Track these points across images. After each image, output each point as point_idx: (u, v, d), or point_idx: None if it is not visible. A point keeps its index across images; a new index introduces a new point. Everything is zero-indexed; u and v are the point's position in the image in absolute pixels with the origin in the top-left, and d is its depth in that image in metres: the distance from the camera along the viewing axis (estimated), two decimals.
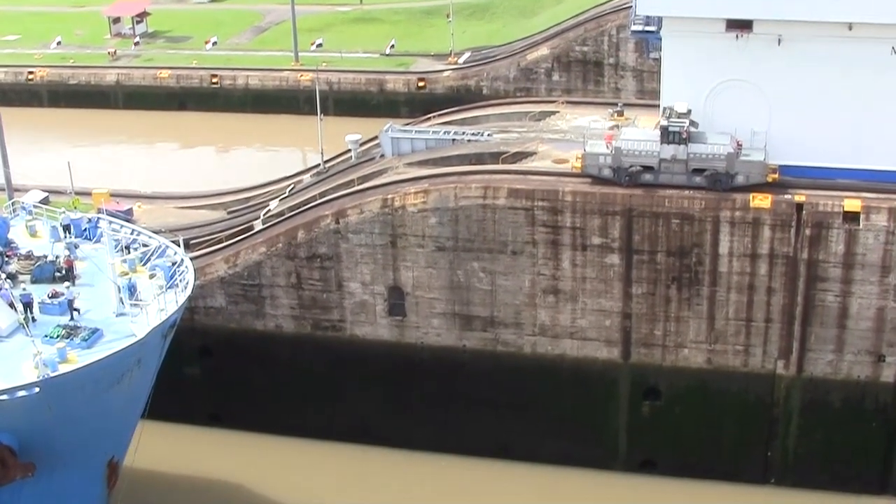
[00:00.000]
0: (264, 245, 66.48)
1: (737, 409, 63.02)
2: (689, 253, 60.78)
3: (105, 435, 51.67)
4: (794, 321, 60.49)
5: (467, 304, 64.80)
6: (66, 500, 51.44)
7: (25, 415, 46.65)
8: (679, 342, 62.72)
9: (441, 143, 69.97)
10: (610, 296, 62.79)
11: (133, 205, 76.13)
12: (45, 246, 57.78)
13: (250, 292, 67.23)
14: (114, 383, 49.32)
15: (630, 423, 65.05)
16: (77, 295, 52.54)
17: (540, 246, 62.67)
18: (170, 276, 53.76)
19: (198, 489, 61.54)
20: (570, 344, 64.27)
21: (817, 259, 59.11)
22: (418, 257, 64.48)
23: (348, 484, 65.32)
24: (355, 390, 67.62)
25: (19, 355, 48.29)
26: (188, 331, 65.08)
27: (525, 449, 65.96)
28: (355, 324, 66.84)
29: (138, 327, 50.21)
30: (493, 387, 65.85)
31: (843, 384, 61.04)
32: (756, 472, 63.67)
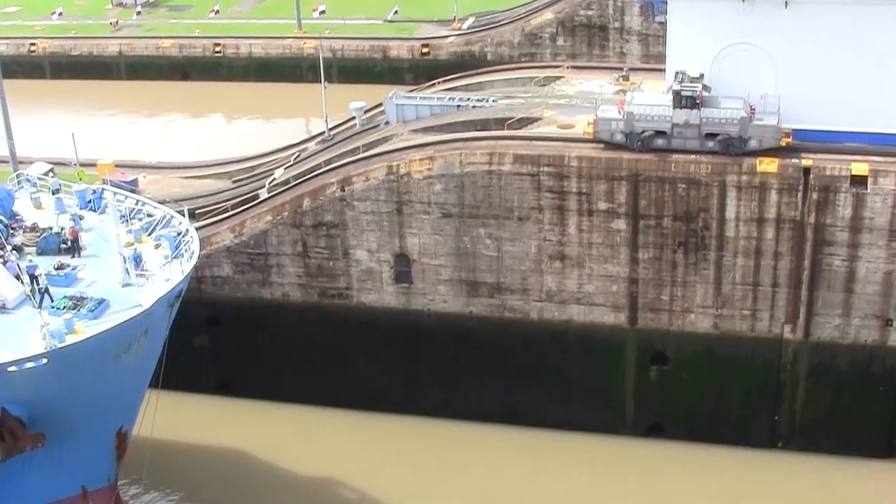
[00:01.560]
0: (270, 214, 66.41)
1: (744, 374, 63.06)
2: (696, 218, 60.65)
3: (113, 405, 51.73)
4: (802, 285, 60.42)
5: (473, 270, 64.79)
6: (76, 469, 51.64)
7: (34, 386, 46.71)
8: (686, 307, 62.67)
9: (446, 110, 69.78)
10: (616, 261, 62.72)
11: (138, 175, 76.05)
12: (51, 218, 57.74)
13: (257, 261, 67.23)
14: (121, 353, 49.32)
15: (637, 388, 65.13)
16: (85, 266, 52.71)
17: (546, 211, 62.58)
18: (175, 245, 53.69)
19: (207, 458, 61.73)
20: (577, 309, 64.27)
21: (824, 223, 58.98)
22: (424, 224, 64.41)
23: (356, 450, 65.45)
24: (362, 358, 67.75)
25: (27, 327, 48.25)
26: (195, 301, 65.32)
27: (532, 414, 66.10)
28: (362, 291, 66.85)
29: (144, 297, 50.18)
30: (499, 353, 65.95)
31: (850, 348, 61.06)
32: (763, 436, 63.76)
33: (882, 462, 61.76)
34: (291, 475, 63.32)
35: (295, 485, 62.61)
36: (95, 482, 52.89)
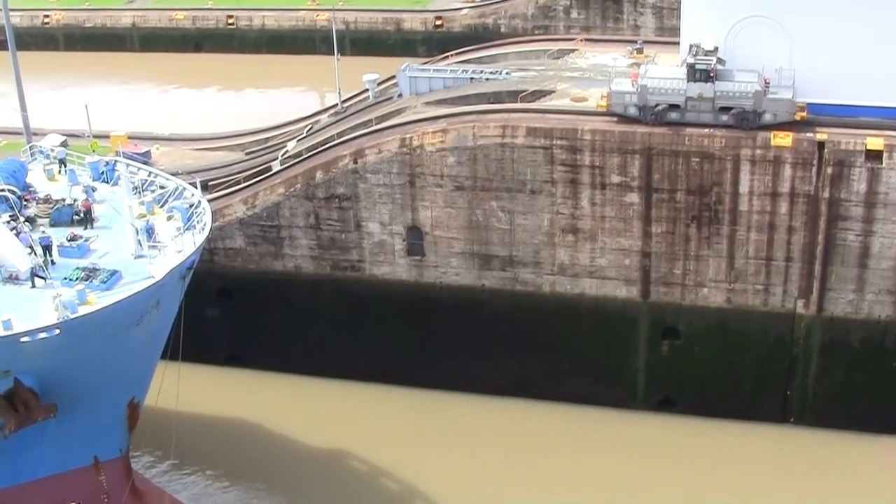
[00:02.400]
0: (282, 186, 66.38)
1: (756, 349, 62.94)
2: (709, 191, 60.46)
3: (125, 376, 51.80)
4: (815, 260, 60.22)
5: (486, 243, 64.73)
6: (88, 440, 51.75)
7: (46, 357, 46.75)
8: (699, 281, 62.54)
9: (459, 82, 69.66)
10: (629, 235, 62.60)
11: (151, 147, 76.05)
12: (64, 189, 57.76)
13: (269, 233, 67.25)
14: (133, 324, 49.36)
15: (649, 362, 65.09)
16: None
17: (559, 185, 62.44)
18: (187, 217, 53.61)
19: (219, 429, 61.93)
20: (590, 283, 64.19)
21: (839, 198, 58.73)
22: (437, 197, 64.33)
23: (367, 423, 65.57)
24: (374, 330, 67.79)
25: (39, 298, 48.29)
26: (207, 273, 65.48)
27: (544, 388, 66.10)
28: (374, 264, 66.87)
29: (156, 269, 50.11)
30: (511, 326, 65.93)
31: (864, 324, 60.87)
32: (775, 411, 63.68)
33: (894, 437, 61.56)
34: (302, 447, 63.49)
35: (306, 457, 62.77)
36: (107, 453, 52.97)
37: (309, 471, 61.41)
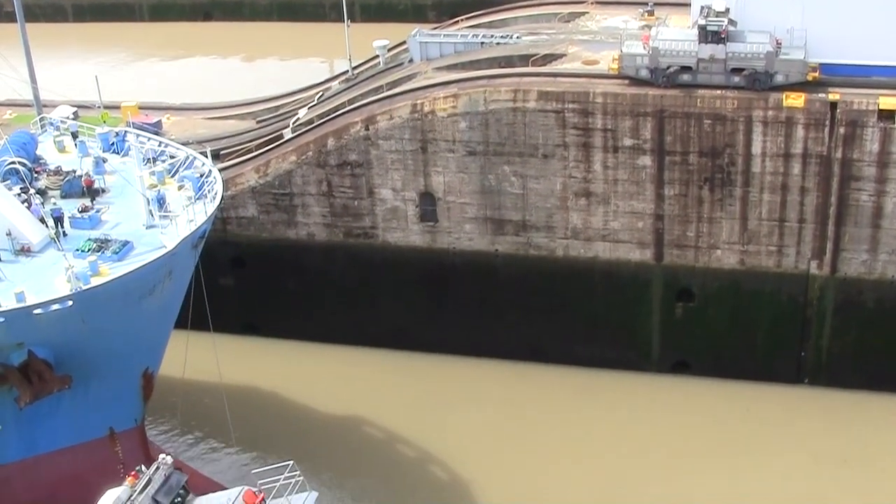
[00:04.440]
0: (294, 154, 66.30)
1: (770, 310, 62.86)
2: (722, 153, 60.22)
3: (139, 346, 51.97)
4: (828, 221, 60.03)
5: (499, 208, 64.65)
6: (103, 411, 51.98)
7: (60, 328, 46.88)
8: (712, 243, 62.41)
9: (470, 47, 69.35)
10: (642, 198, 62.46)
11: (162, 117, 75.95)
12: (74, 161, 57.77)
13: (281, 201, 67.24)
14: (146, 295, 49.47)
15: (663, 324, 65.05)
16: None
17: (571, 148, 62.24)
18: (198, 187, 53.61)
19: (233, 398, 61.86)
20: (603, 246, 64.12)
21: (851, 158, 58.44)
22: (449, 162, 64.21)
23: (382, 388, 65.75)
24: (388, 296, 67.88)
25: (52, 270, 48.42)
26: (221, 242, 65.77)
27: (558, 352, 66.16)
28: (387, 230, 66.86)
29: (168, 239, 50.20)
30: (525, 290, 65.91)
31: (877, 284, 60.71)
32: (789, 372, 63.68)
33: None
34: (318, 413, 63.72)
35: (321, 423, 62.98)
36: (122, 423, 53.26)
37: (325, 437, 61.61)
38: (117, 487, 40.17)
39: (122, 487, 40.11)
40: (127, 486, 40.13)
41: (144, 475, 40.50)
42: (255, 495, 40.26)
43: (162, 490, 40.57)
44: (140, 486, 40.04)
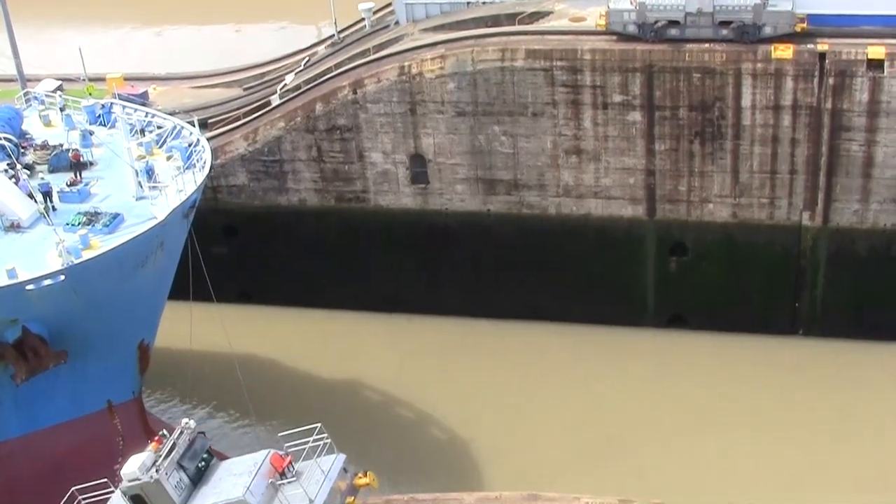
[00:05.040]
0: (283, 120, 66.10)
1: (764, 262, 62.90)
2: (712, 107, 60.04)
3: (133, 318, 51.99)
4: (819, 172, 59.93)
5: (490, 168, 64.51)
6: (100, 384, 52.07)
7: (53, 303, 46.88)
8: (704, 197, 62.37)
9: (456, 7, 68.83)
10: (633, 153, 62.33)
11: (148, 87, 75.45)
12: (60, 135, 57.53)
13: (272, 168, 67.09)
14: (138, 266, 49.44)
15: (658, 279, 65.10)
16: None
17: (560, 106, 62.07)
18: (187, 156, 53.40)
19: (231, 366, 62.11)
20: (595, 203, 64.07)
21: (841, 108, 58.23)
22: (438, 124, 64.02)
23: (380, 352, 66.05)
24: (382, 260, 67.87)
25: (42, 245, 48.33)
26: (212, 211, 65.60)
27: (554, 309, 66.18)
28: (379, 194, 66.76)
29: (158, 209, 50.02)
30: (518, 249, 65.95)
31: (869, 233, 60.70)
32: (784, 323, 63.78)
33: None
34: (315, 379, 63.90)
35: (319, 389, 63.15)
36: (120, 396, 53.37)
37: (323, 402, 61.66)
38: (141, 453, 39.53)
39: (146, 453, 39.42)
40: (151, 452, 39.39)
41: (168, 440, 39.82)
42: (282, 458, 39.66)
43: (187, 455, 39.94)
44: (165, 452, 39.36)
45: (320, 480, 39.00)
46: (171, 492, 38.71)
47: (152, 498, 38.70)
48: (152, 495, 38.65)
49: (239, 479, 39.24)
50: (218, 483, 39.74)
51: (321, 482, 38.93)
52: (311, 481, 38.97)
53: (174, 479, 39.04)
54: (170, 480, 38.77)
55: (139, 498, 38.79)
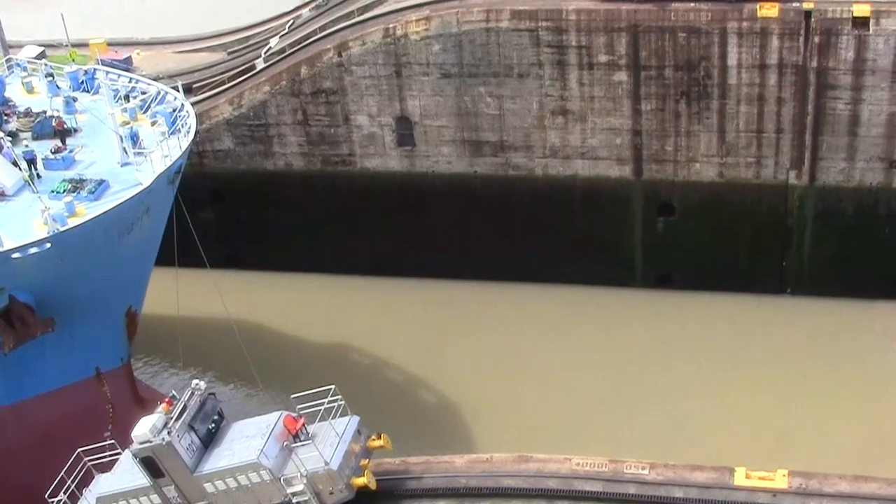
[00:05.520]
0: (268, 84, 65.83)
1: (751, 221, 62.93)
2: (698, 66, 59.84)
3: (121, 285, 51.90)
4: (806, 131, 59.81)
5: (476, 129, 64.37)
6: (89, 352, 52.01)
7: (39, 271, 46.72)
8: (690, 157, 62.28)
9: None
10: (619, 114, 62.18)
11: (131, 53, 75.11)
12: (44, 101, 57.22)
13: (257, 132, 66.87)
14: (124, 233, 49.27)
15: (645, 239, 65.12)
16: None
17: (546, 67, 61.86)
18: (171, 122, 53.20)
19: (221, 332, 62.12)
20: (582, 164, 63.97)
21: (827, 67, 58.03)
22: (424, 86, 63.81)
23: (369, 316, 65.92)
24: (369, 223, 67.78)
25: (28, 213, 48.11)
26: (199, 176, 65.33)
27: (542, 270, 66.24)
28: (365, 157, 66.61)
29: (144, 175, 49.80)
30: (506, 211, 65.87)
31: (856, 191, 60.69)
32: (772, 282, 63.89)
33: (890, 302, 61.78)
34: (304, 344, 64.00)
35: (308, 353, 63.25)
36: (108, 363, 53.30)
37: (312, 367, 61.64)
38: (152, 415, 38.65)
39: (156, 415, 38.48)
40: (162, 414, 38.49)
41: (179, 402, 39.00)
42: (295, 420, 38.96)
43: (198, 417, 39.17)
44: (176, 413, 38.54)
45: (335, 443, 38.36)
46: (182, 454, 38.08)
47: (163, 460, 38.12)
48: (164, 458, 38.06)
49: (252, 441, 38.67)
50: (230, 445, 39.15)
51: (336, 444, 38.30)
52: (326, 443, 38.33)
53: (186, 441, 38.33)
54: (181, 443, 38.09)
55: (150, 460, 38.19)
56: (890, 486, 35.89)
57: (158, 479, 38.57)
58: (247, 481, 37.94)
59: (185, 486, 38.62)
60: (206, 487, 38.42)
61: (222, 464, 38.40)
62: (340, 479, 37.72)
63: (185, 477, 38.41)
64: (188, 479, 38.44)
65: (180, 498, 38.81)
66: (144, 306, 55.36)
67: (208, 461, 38.81)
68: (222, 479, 38.20)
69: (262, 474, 37.70)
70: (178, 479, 38.48)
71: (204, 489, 38.49)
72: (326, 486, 37.77)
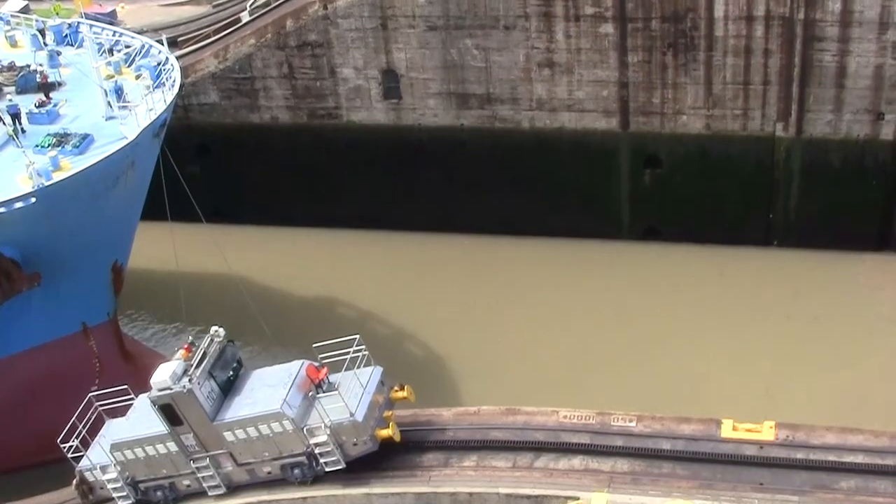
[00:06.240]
0: (253, 37, 65.46)
1: (737, 174, 62.80)
2: (684, 18, 59.52)
3: (106, 239, 51.75)
4: (793, 83, 59.58)
5: (462, 82, 64.13)
6: (75, 306, 51.98)
7: (24, 226, 46.59)
8: (677, 109, 62.08)
9: None
10: (606, 66, 61.91)
11: (116, 6, 74.58)
12: (28, 55, 56.85)
13: (243, 86, 66.57)
14: (110, 187, 49.09)
15: (632, 192, 65.06)
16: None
17: (532, 19, 61.54)
18: (156, 75, 52.90)
19: (206, 285, 62.13)
20: (569, 116, 63.80)
21: (814, 18, 57.69)
22: (410, 38, 63.50)
23: (356, 269, 65.93)
24: (356, 176, 67.63)
25: (12, 167, 47.92)
26: (185, 129, 65.09)
27: (529, 223, 66.23)
28: (351, 110, 66.39)
29: (128, 129, 49.52)
30: (493, 164, 65.77)
31: (843, 144, 60.58)
32: (758, 234, 63.94)
33: (875, 255, 62.04)
34: (291, 297, 63.96)
35: (295, 307, 63.23)
36: (95, 318, 53.30)
37: (299, 320, 61.73)
38: (171, 362, 37.89)
39: (176, 361, 37.71)
40: (181, 360, 37.74)
41: (198, 349, 38.21)
42: (318, 370, 38.15)
43: (218, 364, 38.40)
44: (196, 360, 37.76)
45: (359, 393, 37.68)
46: (202, 402, 37.42)
47: (183, 408, 37.39)
48: (183, 405, 37.34)
49: (273, 390, 37.97)
50: (251, 394, 38.43)
51: (360, 395, 37.63)
52: (350, 394, 37.58)
53: (206, 388, 37.64)
54: (202, 390, 37.41)
55: (169, 408, 37.42)
56: (876, 438, 36.02)
57: (176, 426, 37.93)
58: (268, 431, 37.41)
59: (204, 435, 38.05)
60: (226, 436, 37.89)
61: (243, 412, 37.74)
62: (365, 431, 37.21)
63: (204, 425, 37.83)
64: (207, 428, 37.87)
65: (198, 446, 38.26)
66: (135, 261, 55.24)
67: (228, 409, 38.12)
68: (243, 428, 37.63)
69: (284, 424, 37.14)
70: (196, 428, 37.90)
71: (223, 437, 37.96)
72: (350, 438, 37.30)
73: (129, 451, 39.00)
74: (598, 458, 37.12)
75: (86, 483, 40.14)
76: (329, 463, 37.60)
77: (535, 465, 37.42)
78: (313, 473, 38.06)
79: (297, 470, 38.11)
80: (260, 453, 38.08)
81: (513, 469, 37.41)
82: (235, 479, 38.92)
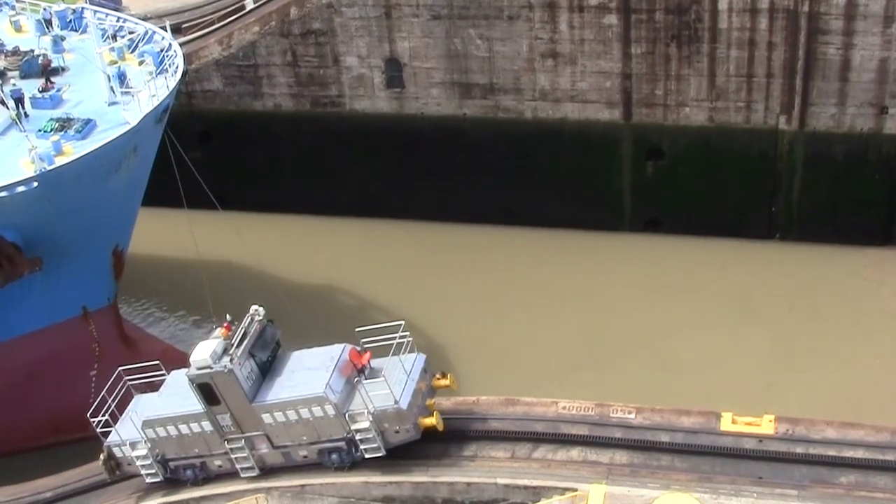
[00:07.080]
0: (257, 24, 65.49)
1: (740, 166, 62.77)
2: (688, 10, 59.48)
3: (107, 224, 51.81)
4: (796, 75, 59.54)
5: (466, 72, 64.09)
6: (76, 291, 52.03)
7: (27, 210, 46.62)
8: (680, 101, 62.05)
9: None
10: (609, 57, 61.87)
11: None
12: (32, 40, 56.84)
13: (246, 73, 66.56)
14: (112, 172, 49.12)
15: (634, 183, 65.04)
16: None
17: (536, 9, 61.51)
18: (159, 61, 52.90)
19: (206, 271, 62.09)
20: (571, 107, 63.76)
21: (818, 11, 57.64)
22: (414, 27, 63.47)
23: (357, 257, 65.88)
24: (358, 164, 67.68)
25: (15, 152, 47.93)
26: (187, 116, 65.08)
27: (530, 214, 66.21)
28: (354, 98, 66.36)
29: (131, 115, 49.52)
30: (495, 154, 65.74)
31: (846, 137, 60.54)
32: (761, 227, 63.88)
33: (879, 249, 62.00)
34: (292, 284, 63.75)
35: (296, 294, 62.87)
36: (95, 302, 53.37)
37: (299, 307, 61.50)
38: (211, 340, 37.04)
39: (216, 340, 36.85)
40: (221, 339, 36.86)
41: (239, 328, 37.28)
42: (360, 354, 37.36)
43: (258, 344, 37.59)
44: (237, 340, 36.90)
45: (403, 380, 36.92)
46: (242, 382, 36.59)
47: (222, 388, 36.57)
48: (222, 385, 36.52)
49: (315, 373, 37.13)
50: (291, 376, 37.58)
51: (404, 382, 36.89)
52: (394, 380, 36.75)
53: (246, 368, 36.85)
54: (242, 370, 36.63)
55: (207, 387, 36.63)
56: (877, 433, 35.97)
57: (214, 406, 37.18)
58: (308, 414, 36.61)
59: (241, 416, 37.27)
60: (264, 418, 37.10)
61: (284, 395, 36.91)
62: (408, 419, 36.54)
63: (242, 406, 37.00)
64: (245, 409, 37.05)
65: (234, 426, 37.50)
66: (150, 247, 55.29)
67: (268, 391, 37.27)
68: (282, 411, 36.81)
69: (326, 408, 36.37)
70: (234, 408, 37.11)
71: (261, 419, 37.16)
72: (393, 425, 36.62)
73: (161, 429, 38.25)
74: (597, 449, 37.01)
75: (113, 458, 39.46)
76: (369, 450, 36.88)
77: (534, 455, 37.35)
78: (351, 459, 37.38)
79: (336, 455, 37.39)
80: (298, 437, 37.31)
81: (511, 459, 37.33)
82: (269, 462, 38.20)
